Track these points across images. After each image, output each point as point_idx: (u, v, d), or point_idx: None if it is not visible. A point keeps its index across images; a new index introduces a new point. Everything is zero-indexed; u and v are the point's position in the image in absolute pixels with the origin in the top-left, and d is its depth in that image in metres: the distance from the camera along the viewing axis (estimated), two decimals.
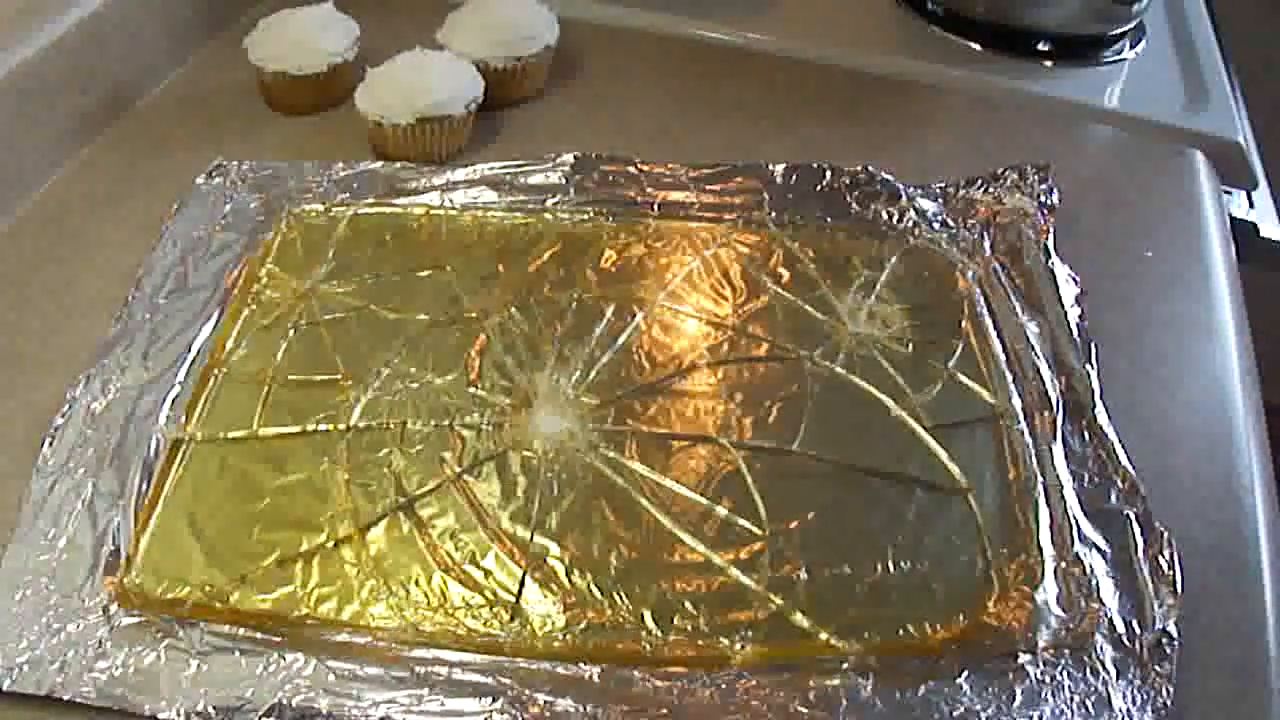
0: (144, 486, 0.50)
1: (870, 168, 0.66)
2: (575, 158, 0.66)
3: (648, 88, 0.78)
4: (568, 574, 0.48)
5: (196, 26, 0.81)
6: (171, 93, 0.77)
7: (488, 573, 0.48)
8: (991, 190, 0.65)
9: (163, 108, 0.76)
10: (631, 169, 0.66)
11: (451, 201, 0.65)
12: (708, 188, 0.66)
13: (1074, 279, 0.59)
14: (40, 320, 0.60)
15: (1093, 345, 0.56)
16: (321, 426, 0.53)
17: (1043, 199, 0.64)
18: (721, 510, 0.50)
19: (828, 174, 0.66)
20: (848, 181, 0.66)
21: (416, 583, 0.47)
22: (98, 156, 0.71)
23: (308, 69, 0.72)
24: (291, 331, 0.58)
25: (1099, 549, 0.48)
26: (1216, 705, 0.45)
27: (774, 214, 0.65)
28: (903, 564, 0.48)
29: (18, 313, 0.60)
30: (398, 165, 0.67)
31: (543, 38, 0.75)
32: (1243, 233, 0.76)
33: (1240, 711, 0.46)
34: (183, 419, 0.53)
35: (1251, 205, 1.13)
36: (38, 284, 0.62)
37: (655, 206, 0.65)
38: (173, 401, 0.53)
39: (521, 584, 0.47)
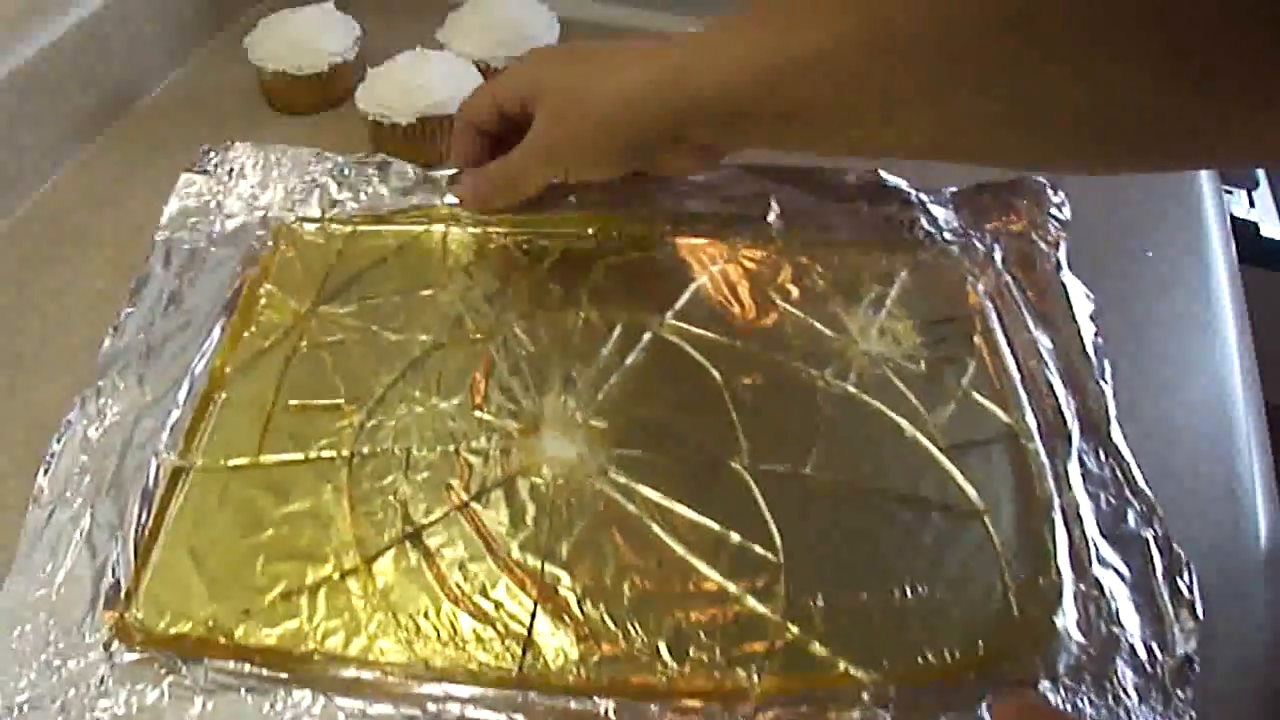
0: (143, 517, 0.48)
1: (881, 171, 0.65)
2: None
3: None
4: (580, 604, 0.47)
5: (196, 26, 0.81)
6: (171, 93, 0.77)
7: (498, 604, 0.46)
8: (1003, 198, 0.64)
9: (163, 108, 0.76)
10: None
11: (452, 216, 0.64)
12: (715, 194, 0.64)
13: (1089, 296, 0.58)
14: (40, 320, 0.60)
15: (1107, 363, 0.55)
16: (324, 453, 0.52)
17: (1054, 211, 0.63)
18: (735, 536, 0.49)
19: (837, 178, 0.65)
20: (857, 185, 0.65)
21: (426, 615, 0.46)
22: (98, 156, 0.71)
23: (308, 69, 0.72)
24: (292, 354, 0.56)
25: (1118, 572, 0.48)
26: (1216, 704, 0.45)
27: (782, 223, 0.63)
28: (920, 589, 0.47)
29: (18, 313, 0.60)
30: (393, 174, 0.66)
31: (543, 38, 0.75)
32: (1243, 233, 0.76)
33: (1240, 711, 0.46)
34: (181, 446, 0.51)
35: (1252, 205, 1.13)
36: (38, 284, 0.62)
37: (661, 218, 0.64)
38: (171, 428, 0.52)
39: (533, 616, 0.46)
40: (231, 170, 0.65)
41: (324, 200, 0.64)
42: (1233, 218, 0.75)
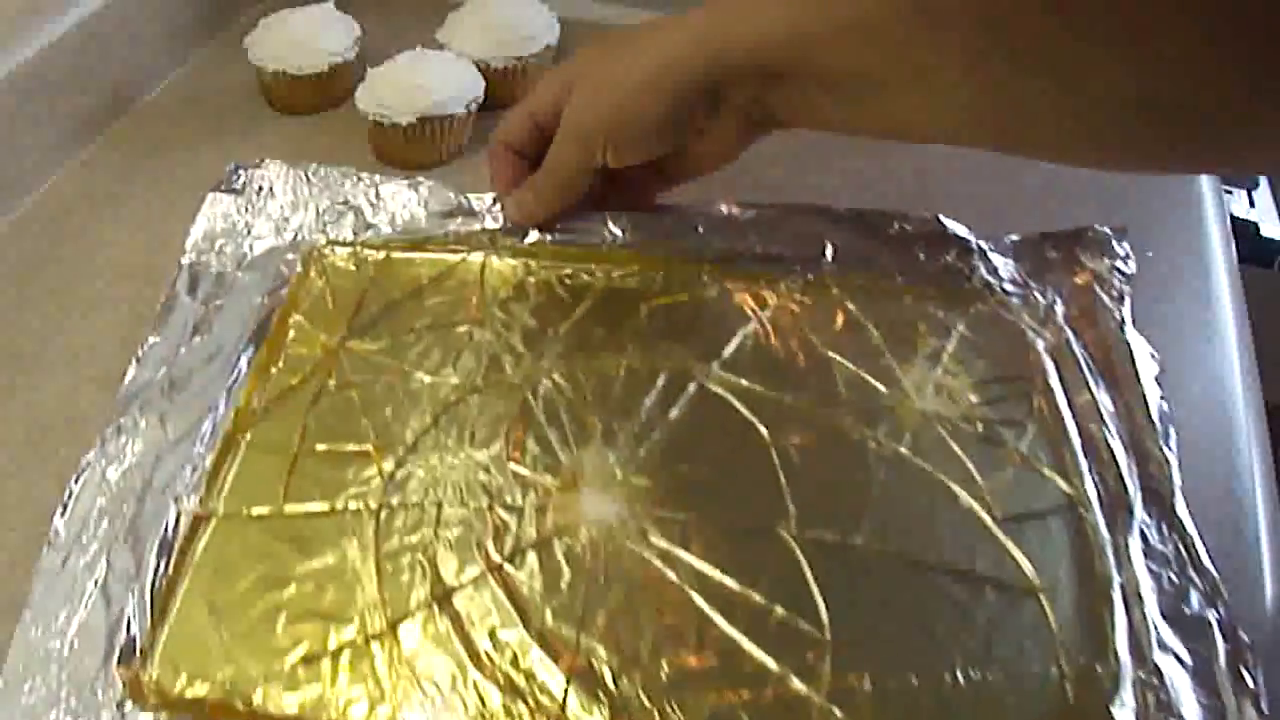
0: (161, 567, 0.46)
1: (941, 217, 0.62)
2: None
3: None
4: (615, 680, 0.44)
5: (196, 26, 0.81)
6: (171, 93, 0.77)
7: (529, 676, 0.44)
8: (1066, 248, 0.61)
9: (163, 108, 0.76)
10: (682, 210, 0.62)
11: (492, 243, 0.61)
12: (766, 234, 0.62)
13: (1154, 356, 0.56)
14: (40, 320, 0.59)
15: (1173, 429, 0.53)
16: (351, 505, 0.49)
17: (1120, 265, 0.60)
18: (779, 610, 0.46)
19: (895, 221, 0.62)
20: (915, 231, 0.62)
21: (453, 686, 0.43)
22: (98, 156, 0.71)
23: (308, 69, 0.73)
24: (320, 394, 0.54)
25: (1179, 658, 0.45)
26: None
27: (836, 266, 0.60)
28: (972, 673, 0.45)
29: (18, 313, 0.60)
30: (431, 197, 0.63)
31: (543, 38, 0.75)
32: (1243, 233, 0.75)
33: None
34: (203, 492, 0.49)
35: (1252, 205, 1.12)
36: (38, 284, 0.61)
37: (710, 257, 0.61)
38: (193, 471, 0.50)
39: (566, 691, 0.44)
40: (260, 189, 0.63)
41: (357, 223, 0.62)
42: (1233, 218, 0.75)
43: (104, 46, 0.71)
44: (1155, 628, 0.46)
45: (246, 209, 0.62)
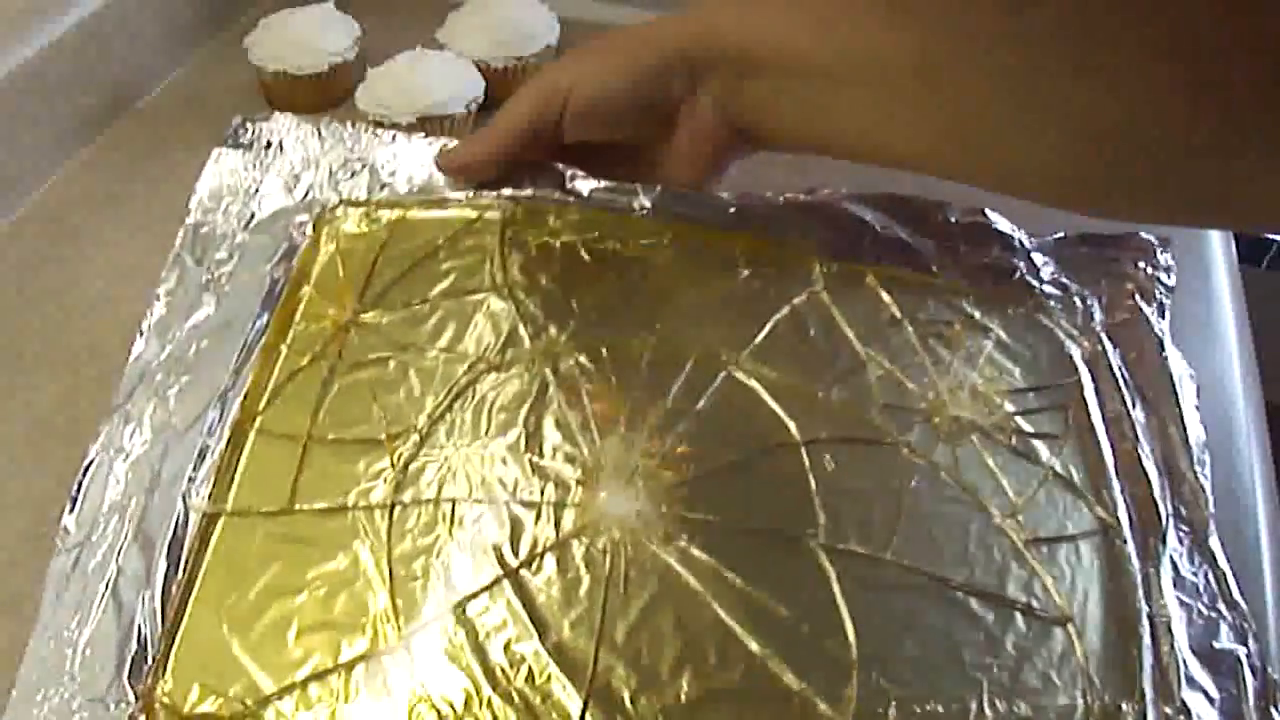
0: (171, 570, 0.44)
1: (986, 211, 0.59)
2: None
3: None
4: (633, 700, 0.43)
5: (196, 26, 0.81)
6: (171, 93, 0.77)
7: (545, 695, 0.42)
8: (1108, 253, 0.59)
9: (163, 108, 0.76)
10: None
11: (513, 200, 0.59)
12: (806, 217, 0.59)
13: (1191, 376, 0.54)
14: (40, 320, 0.59)
15: (1207, 454, 0.51)
16: (363, 502, 0.47)
17: (1161, 275, 0.58)
18: (805, 627, 0.45)
19: (939, 212, 0.59)
20: (959, 224, 0.59)
21: (467, 704, 0.42)
22: (98, 156, 0.71)
23: (308, 69, 0.72)
24: (330, 375, 0.51)
25: (1207, 695, 0.44)
26: None
27: (876, 256, 0.58)
28: (998, 703, 0.44)
29: (18, 313, 0.60)
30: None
31: (543, 38, 0.75)
32: (1243, 233, 0.74)
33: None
34: (212, 487, 0.47)
35: None
36: (38, 284, 0.61)
37: (745, 235, 0.58)
38: (200, 465, 0.47)
39: (584, 712, 0.42)
40: (269, 145, 0.60)
41: (372, 180, 0.59)
42: None
43: (104, 46, 0.70)
44: (1184, 663, 0.45)
45: (255, 165, 0.59)
